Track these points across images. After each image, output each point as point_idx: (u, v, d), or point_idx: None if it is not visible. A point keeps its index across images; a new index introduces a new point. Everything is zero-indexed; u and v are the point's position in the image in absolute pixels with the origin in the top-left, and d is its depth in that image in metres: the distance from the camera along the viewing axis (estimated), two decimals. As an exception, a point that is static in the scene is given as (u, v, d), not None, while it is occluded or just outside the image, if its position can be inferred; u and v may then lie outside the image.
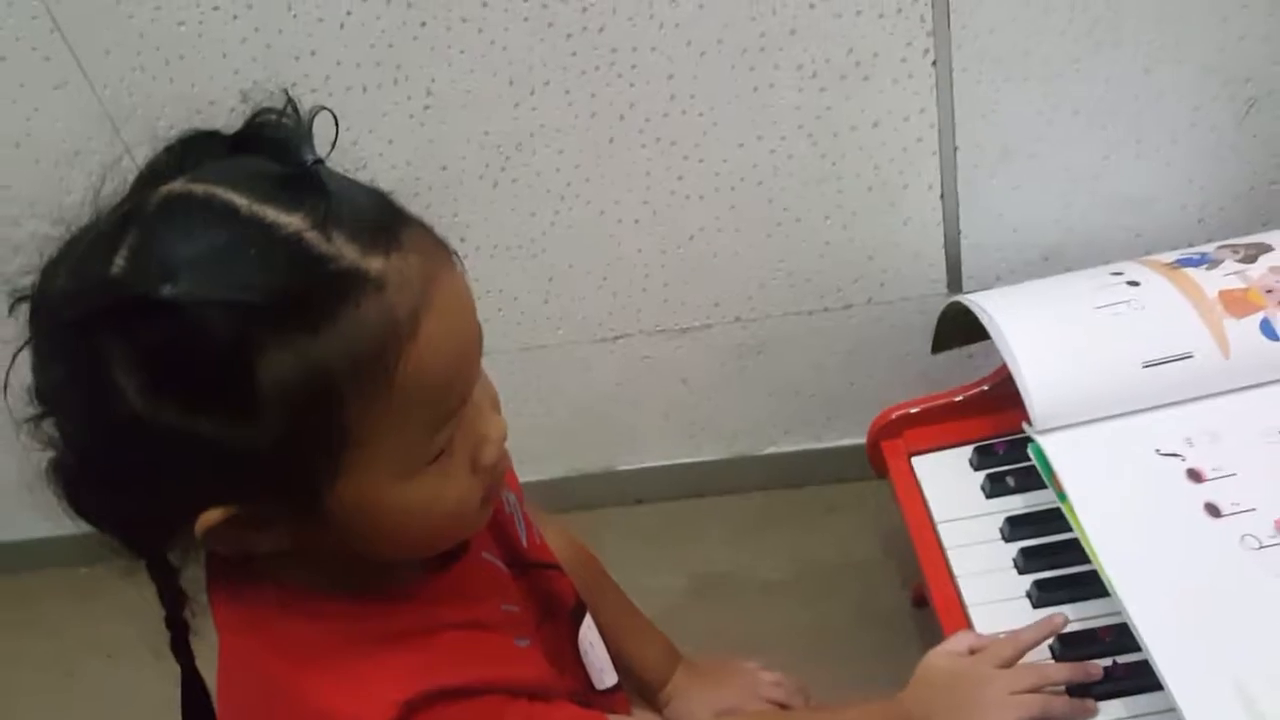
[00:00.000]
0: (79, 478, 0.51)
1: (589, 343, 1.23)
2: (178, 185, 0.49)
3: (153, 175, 0.51)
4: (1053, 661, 0.76)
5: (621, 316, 1.21)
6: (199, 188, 0.49)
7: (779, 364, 1.24)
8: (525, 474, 1.30)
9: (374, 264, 0.49)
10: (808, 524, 1.27)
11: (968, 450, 0.93)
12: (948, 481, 0.91)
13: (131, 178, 0.52)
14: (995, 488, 0.89)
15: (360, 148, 1.08)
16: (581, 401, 1.29)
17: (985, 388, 0.95)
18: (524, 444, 1.39)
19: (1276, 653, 0.65)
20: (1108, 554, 0.71)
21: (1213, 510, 0.73)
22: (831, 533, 1.26)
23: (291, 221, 0.47)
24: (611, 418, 1.30)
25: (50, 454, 0.52)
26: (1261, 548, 0.70)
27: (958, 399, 0.96)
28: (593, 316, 1.21)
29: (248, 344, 0.46)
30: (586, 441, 1.33)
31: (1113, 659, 0.74)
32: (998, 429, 0.92)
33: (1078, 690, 0.74)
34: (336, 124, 0.54)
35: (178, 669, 0.62)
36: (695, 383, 1.26)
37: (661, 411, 1.29)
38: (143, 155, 0.53)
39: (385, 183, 0.54)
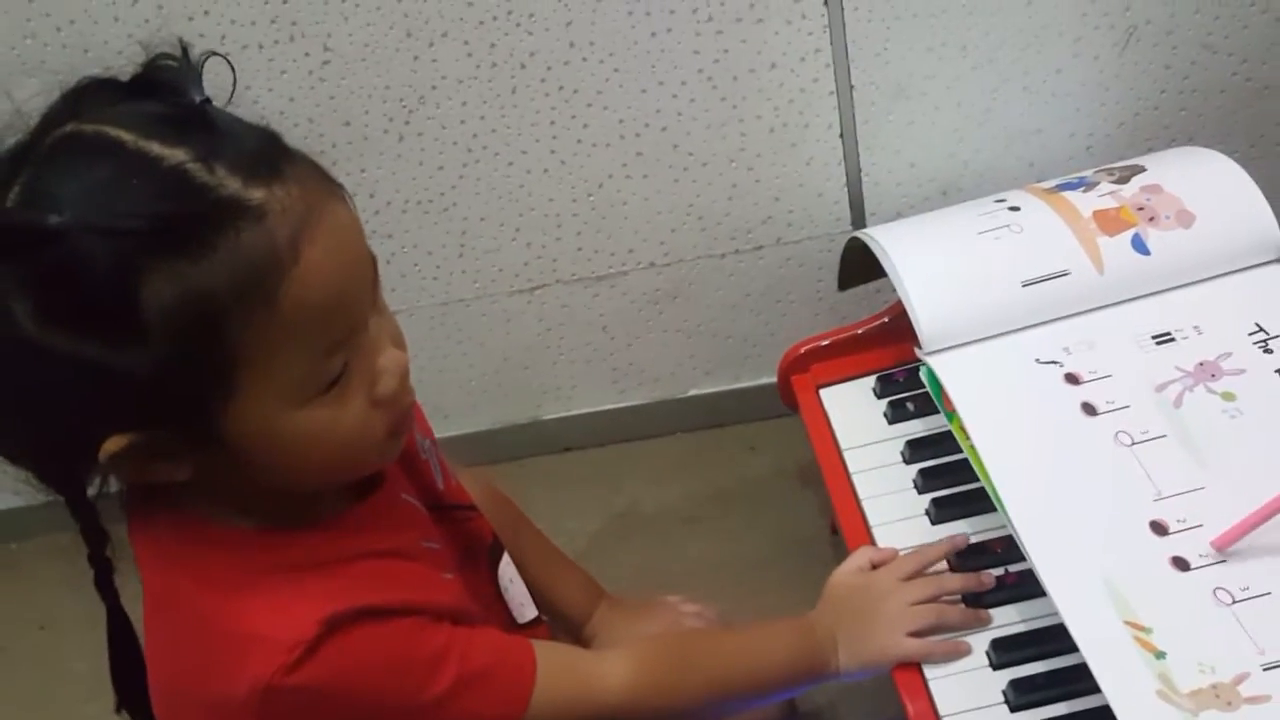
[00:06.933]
0: None
1: (507, 295, 1.25)
2: (69, 127, 0.51)
3: (48, 121, 0.52)
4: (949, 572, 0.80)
5: (537, 267, 1.22)
6: (89, 128, 0.51)
7: (695, 307, 1.26)
8: (451, 428, 1.32)
9: (255, 194, 0.51)
10: (730, 462, 1.31)
11: (871, 380, 0.96)
12: (853, 410, 0.94)
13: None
14: (896, 414, 0.92)
15: (261, 106, 1.07)
16: (504, 353, 1.30)
17: (885, 320, 0.98)
18: (449, 398, 1.39)
19: (1139, 547, 0.69)
20: (993, 463, 0.75)
21: (1089, 409, 0.76)
22: (752, 469, 1.29)
23: (175, 154, 0.50)
24: (534, 368, 1.32)
25: None
26: (1133, 444, 0.74)
27: (859, 332, 0.99)
28: (509, 268, 1.23)
29: (131, 269, 0.49)
30: (511, 393, 1.34)
31: (1004, 568, 0.78)
32: (898, 359, 0.95)
33: (972, 600, 0.77)
34: (233, 69, 0.56)
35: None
36: (615, 329, 1.28)
37: (583, 359, 1.31)
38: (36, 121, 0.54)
39: (289, 141, 0.55)
